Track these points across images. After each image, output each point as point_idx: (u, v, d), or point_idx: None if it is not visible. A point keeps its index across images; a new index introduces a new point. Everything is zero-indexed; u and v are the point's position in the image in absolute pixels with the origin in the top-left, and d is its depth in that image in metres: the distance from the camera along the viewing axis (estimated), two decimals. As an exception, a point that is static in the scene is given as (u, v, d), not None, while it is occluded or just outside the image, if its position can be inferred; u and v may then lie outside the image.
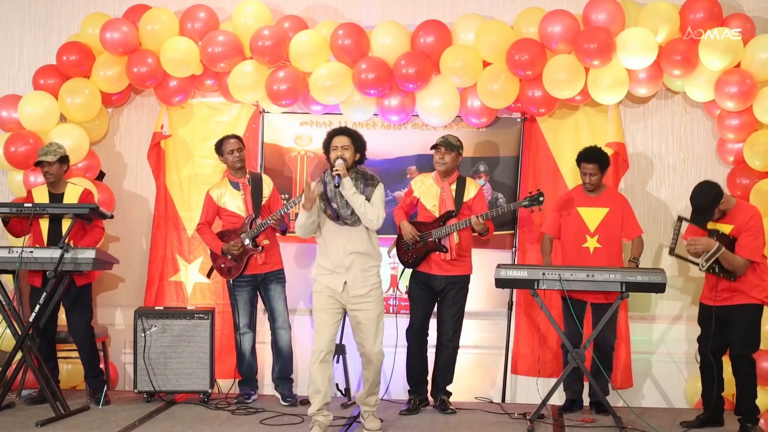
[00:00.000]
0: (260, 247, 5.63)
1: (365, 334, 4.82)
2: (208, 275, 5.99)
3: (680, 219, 5.01)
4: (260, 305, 5.86)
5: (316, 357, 4.76)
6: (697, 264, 4.89)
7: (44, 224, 5.58)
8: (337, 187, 4.68)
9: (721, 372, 5.06)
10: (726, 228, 4.92)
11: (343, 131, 4.85)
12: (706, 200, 4.85)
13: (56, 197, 5.65)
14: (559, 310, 5.57)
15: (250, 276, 5.70)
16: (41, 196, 5.65)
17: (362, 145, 4.85)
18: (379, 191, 4.83)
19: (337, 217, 4.78)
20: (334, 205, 4.77)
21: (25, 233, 5.56)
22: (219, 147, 5.76)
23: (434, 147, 5.49)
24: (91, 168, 6.38)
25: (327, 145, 4.84)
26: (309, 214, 4.73)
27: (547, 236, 5.61)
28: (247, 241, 5.60)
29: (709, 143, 6.09)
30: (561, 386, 5.45)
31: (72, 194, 5.66)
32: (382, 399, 5.64)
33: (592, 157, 5.41)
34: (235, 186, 5.73)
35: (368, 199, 4.77)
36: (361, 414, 5.03)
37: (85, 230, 5.63)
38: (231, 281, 5.73)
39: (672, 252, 4.98)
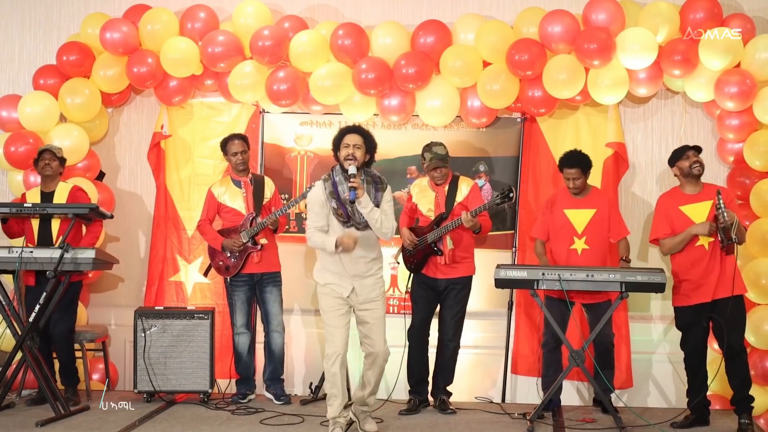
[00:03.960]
0: (259, 245, 5.64)
1: (375, 334, 4.74)
2: (205, 274, 6.01)
3: (718, 193, 4.92)
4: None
5: (332, 361, 4.68)
6: (732, 238, 4.85)
7: (35, 223, 5.59)
8: (352, 203, 4.56)
9: (706, 373, 5.13)
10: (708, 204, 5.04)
11: (356, 129, 4.71)
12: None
13: (47, 195, 5.66)
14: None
15: (247, 276, 5.71)
16: (34, 196, 5.67)
17: (373, 146, 4.72)
18: (388, 196, 4.74)
19: (347, 220, 4.69)
20: (348, 209, 4.66)
21: (21, 234, 5.60)
22: (224, 146, 5.77)
23: (425, 161, 5.44)
24: (91, 168, 6.38)
25: (338, 142, 4.68)
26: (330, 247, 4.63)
27: (539, 240, 5.59)
28: (246, 239, 5.61)
29: (709, 143, 6.08)
30: (539, 385, 5.56)
31: (62, 191, 5.67)
32: (381, 399, 5.66)
33: (573, 162, 5.35)
34: (237, 184, 5.74)
35: (378, 204, 4.66)
36: (356, 416, 4.96)
37: (83, 227, 5.65)
38: (228, 280, 5.75)
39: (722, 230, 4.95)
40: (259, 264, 5.67)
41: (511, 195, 5.29)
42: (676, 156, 5.16)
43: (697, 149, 5.15)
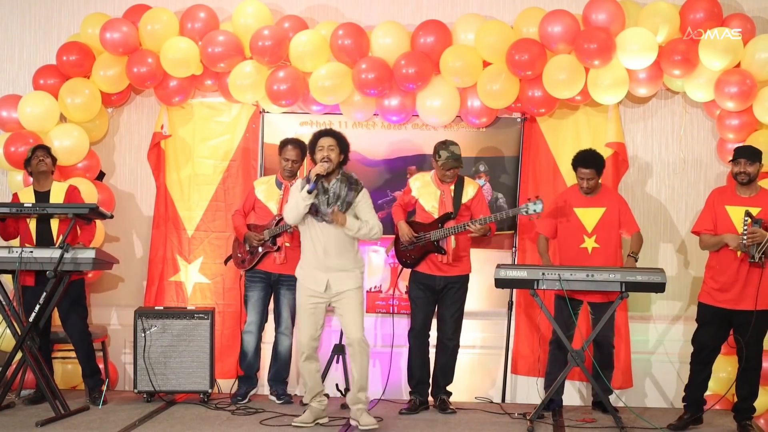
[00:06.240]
0: (277, 246, 5.64)
1: (347, 320, 4.98)
2: (225, 262, 6.05)
3: (746, 213, 4.89)
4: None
5: (300, 356, 5.07)
6: (753, 257, 4.83)
7: (32, 224, 5.58)
8: (310, 192, 4.83)
9: (711, 373, 5.14)
10: (754, 210, 4.90)
11: (328, 133, 5.01)
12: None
13: (42, 195, 5.64)
14: (551, 308, 5.50)
15: (264, 273, 5.71)
16: (27, 196, 5.65)
17: (346, 147, 5.01)
18: (364, 198, 4.99)
19: (316, 213, 4.92)
20: (315, 201, 4.90)
21: (16, 235, 5.60)
22: (281, 147, 5.76)
23: (439, 159, 5.41)
24: (91, 168, 6.38)
25: (312, 147, 4.98)
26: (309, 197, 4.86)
27: (543, 236, 5.59)
28: (267, 237, 5.63)
29: (709, 143, 6.09)
30: (543, 385, 5.54)
31: (58, 191, 5.65)
32: (382, 399, 5.66)
33: (588, 163, 5.35)
34: (279, 185, 5.75)
35: (350, 203, 4.93)
36: (353, 415, 4.99)
37: (79, 228, 5.64)
38: (244, 273, 5.78)
39: (745, 247, 4.88)
40: (279, 265, 5.67)
41: (540, 207, 5.29)
42: (732, 156, 5.06)
43: (752, 156, 4.96)
